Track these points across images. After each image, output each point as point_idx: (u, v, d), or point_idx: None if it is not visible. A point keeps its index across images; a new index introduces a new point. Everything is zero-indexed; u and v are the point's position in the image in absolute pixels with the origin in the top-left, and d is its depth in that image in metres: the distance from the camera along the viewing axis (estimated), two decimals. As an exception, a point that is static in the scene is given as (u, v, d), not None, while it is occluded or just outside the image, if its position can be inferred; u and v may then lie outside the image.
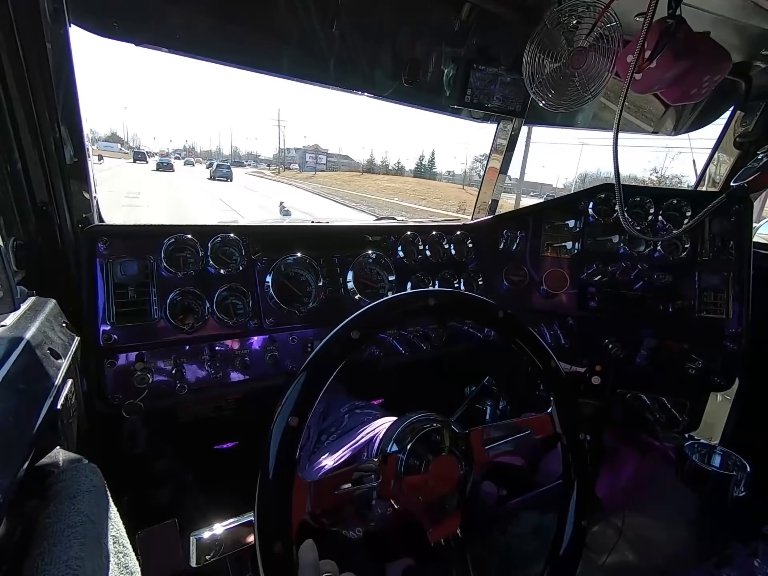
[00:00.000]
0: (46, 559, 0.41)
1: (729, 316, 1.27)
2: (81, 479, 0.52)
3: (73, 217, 0.86)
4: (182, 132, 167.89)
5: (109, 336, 0.85)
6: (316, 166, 56.59)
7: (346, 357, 0.54)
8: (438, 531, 0.60)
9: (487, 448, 0.65)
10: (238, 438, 1.22)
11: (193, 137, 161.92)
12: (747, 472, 1.20)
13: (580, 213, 1.34)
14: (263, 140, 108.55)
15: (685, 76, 0.90)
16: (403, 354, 1.16)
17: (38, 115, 0.75)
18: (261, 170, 54.73)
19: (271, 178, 38.60)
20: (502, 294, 1.34)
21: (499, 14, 1.14)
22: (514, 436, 0.67)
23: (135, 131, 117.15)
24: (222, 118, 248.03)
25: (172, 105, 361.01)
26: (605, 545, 1.21)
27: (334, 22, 1.09)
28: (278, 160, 61.56)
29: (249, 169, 55.30)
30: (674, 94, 0.96)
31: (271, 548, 0.46)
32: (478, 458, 0.64)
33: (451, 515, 0.61)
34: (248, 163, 71.89)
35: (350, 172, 51.63)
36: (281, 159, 60.56)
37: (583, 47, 1.02)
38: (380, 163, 62.63)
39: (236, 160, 71.55)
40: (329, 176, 41.03)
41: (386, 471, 0.59)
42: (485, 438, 0.65)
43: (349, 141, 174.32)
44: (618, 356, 1.27)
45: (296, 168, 58.62)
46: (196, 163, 48.82)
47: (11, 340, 0.58)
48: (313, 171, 51.34)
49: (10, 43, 0.69)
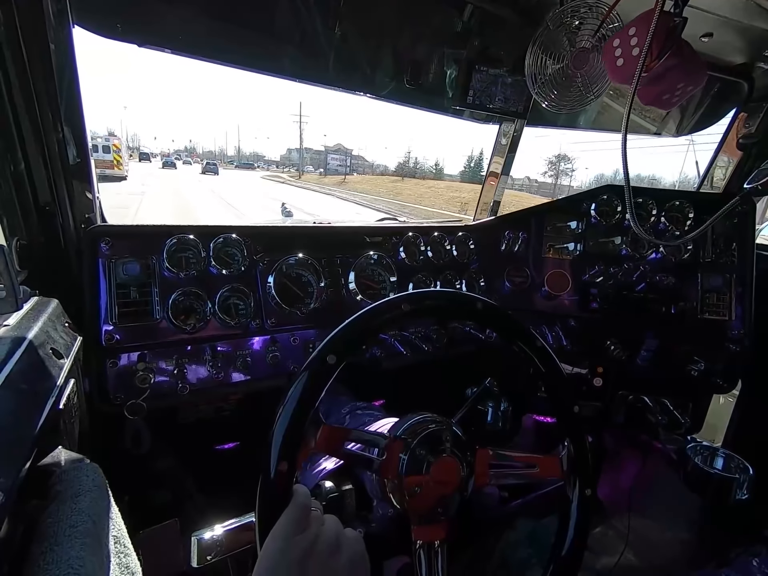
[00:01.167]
0: (47, 559, 0.41)
1: (731, 317, 1.27)
2: (82, 479, 0.52)
3: (76, 218, 0.86)
4: (185, 131, 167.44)
5: (111, 336, 0.85)
6: (347, 168, 50.01)
7: (325, 384, 0.53)
8: (422, 532, 0.60)
9: (491, 472, 0.64)
10: (239, 438, 1.22)
11: (197, 137, 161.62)
12: (749, 474, 1.19)
13: (582, 214, 1.33)
14: (276, 139, 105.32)
15: (663, 77, 0.89)
16: (404, 355, 1.16)
17: (41, 116, 0.75)
18: (277, 173, 50.73)
19: (294, 184, 33.02)
20: (504, 295, 1.34)
21: (501, 15, 1.14)
22: (519, 469, 0.67)
23: (135, 131, 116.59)
24: (229, 116, 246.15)
25: (175, 103, 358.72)
26: (606, 547, 1.20)
27: (336, 23, 1.09)
28: (286, 162, 57.90)
29: (263, 172, 51.45)
30: (648, 96, 0.95)
31: (276, 466, 0.48)
32: (479, 481, 0.63)
33: (439, 522, 0.60)
34: (258, 164, 69.22)
35: (383, 176, 45.94)
36: (301, 160, 55.20)
37: (586, 48, 1.02)
38: (411, 165, 54.87)
39: (245, 161, 68.68)
40: (363, 180, 35.51)
41: (392, 451, 0.59)
42: (491, 462, 0.65)
43: (373, 141, 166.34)
44: (620, 358, 1.27)
45: (310, 169, 53.54)
46: (194, 162, 52.57)
47: (14, 340, 0.58)
48: (335, 174, 46.29)
49: (13, 43, 0.70)
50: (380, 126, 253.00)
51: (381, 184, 31.41)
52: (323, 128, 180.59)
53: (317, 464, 0.86)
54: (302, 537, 0.44)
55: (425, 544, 0.60)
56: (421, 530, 0.60)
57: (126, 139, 50.55)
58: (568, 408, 0.66)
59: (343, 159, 53.68)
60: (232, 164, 69.10)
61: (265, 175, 44.72)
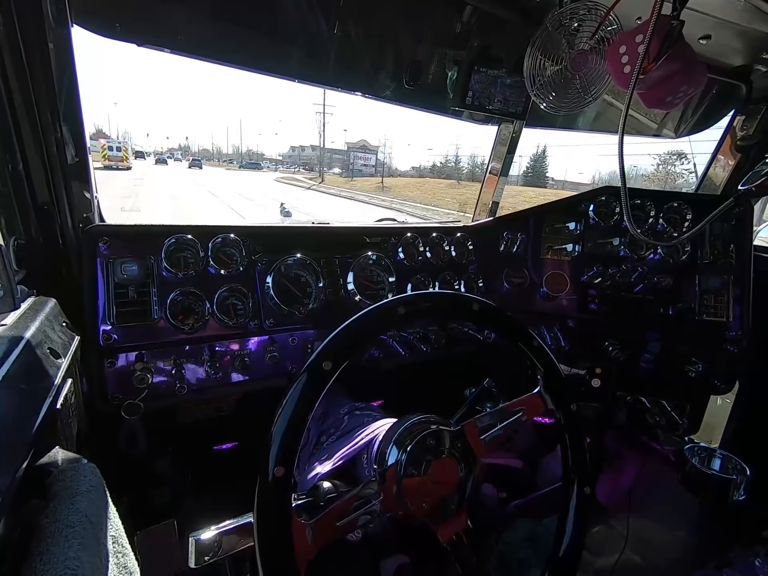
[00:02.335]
0: (44, 559, 0.41)
1: (729, 319, 1.27)
2: (80, 479, 0.52)
3: (74, 217, 0.86)
4: (180, 128, 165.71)
5: (109, 336, 0.85)
6: (374, 168, 40.94)
7: (322, 391, 0.54)
8: (448, 529, 0.60)
9: (482, 438, 0.65)
10: (238, 439, 1.21)
11: (192, 134, 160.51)
12: (747, 475, 1.19)
13: (581, 215, 1.34)
14: (282, 136, 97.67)
15: (667, 81, 0.90)
16: (403, 355, 1.16)
17: (40, 115, 0.75)
18: (289, 174, 42.88)
19: (321, 190, 25.77)
20: (503, 295, 1.34)
21: (500, 17, 1.14)
22: (507, 420, 0.67)
23: (126, 129, 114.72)
24: (231, 110, 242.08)
25: (169, 97, 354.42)
26: (606, 547, 1.21)
27: (336, 23, 1.09)
28: (295, 161, 48.46)
29: (276, 173, 43.68)
30: (651, 99, 0.95)
31: (274, 471, 0.48)
32: (477, 451, 0.64)
33: (458, 512, 0.61)
34: (266, 164, 62.94)
35: (423, 177, 37.50)
36: (322, 159, 44.26)
37: (584, 50, 1.02)
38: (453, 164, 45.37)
39: (251, 162, 62.94)
40: (408, 185, 26.72)
41: (386, 486, 0.59)
42: (479, 427, 0.65)
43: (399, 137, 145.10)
44: (618, 359, 1.27)
45: (335, 171, 44.63)
46: (185, 159, 53.86)
47: (11, 339, 0.58)
48: (360, 175, 37.93)
49: (12, 43, 0.69)
50: (407, 119, 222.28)
51: (433, 190, 23.84)
52: (344, 123, 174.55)
53: (311, 468, 0.86)
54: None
55: (452, 540, 0.60)
56: (444, 530, 0.60)
57: (116, 137, 51.85)
58: (528, 342, 0.68)
59: (368, 158, 44.45)
60: (232, 163, 63.45)
61: (278, 177, 37.64)
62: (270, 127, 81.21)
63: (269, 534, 0.48)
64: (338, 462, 0.84)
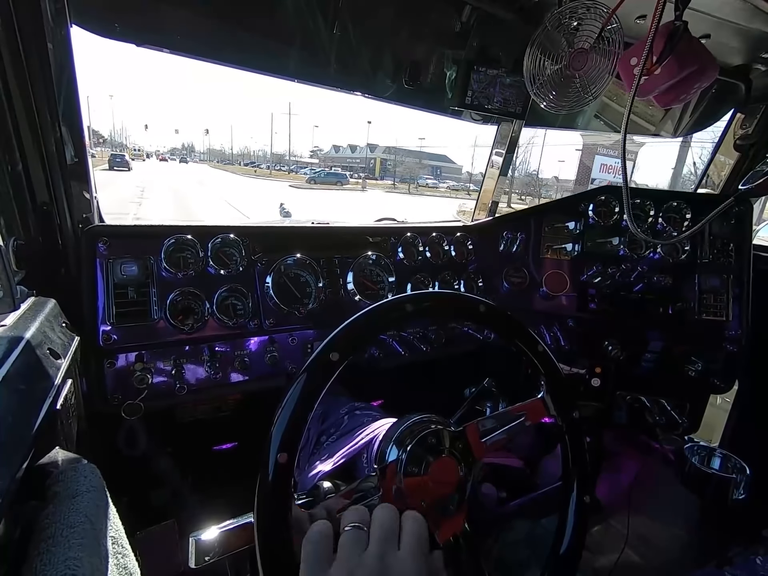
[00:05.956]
0: (44, 560, 0.41)
1: (729, 318, 1.28)
2: (80, 480, 0.51)
3: (74, 218, 0.86)
4: (182, 128, 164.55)
5: (108, 336, 0.85)
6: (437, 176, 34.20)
7: (328, 381, 0.54)
8: (445, 530, 0.60)
9: (483, 440, 0.65)
10: (238, 439, 1.21)
11: (191, 134, 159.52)
12: (746, 474, 1.20)
13: (580, 215, 1.34)
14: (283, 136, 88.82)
15: (683, 82, 0.90)
16: (403, 355, 1.16)
17: (39, 115, 0.75)
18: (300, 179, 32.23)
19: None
20: (502, 295, 1.34)
21: (499, 16, 1.14)
22: (508, 425, 0.67)
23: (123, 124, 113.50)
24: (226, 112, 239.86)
25: (166, 94, 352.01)
26: (606, 546, 1.21)
27: (335, 23, 1.09)
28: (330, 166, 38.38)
29: (291, 179, 33.22)
30: (666, 99, 0.96)
31: (276, 457, 0.48)
32: (477, 452, 0.64)
33: (456, 513, 0.61)
34: (257, 164, 57.65)
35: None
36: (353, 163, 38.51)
37: (584, 49, 1.02)
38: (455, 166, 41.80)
39: (251, 160, 63.38)
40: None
41: (386, 482, 0.59)
42: (481, 430, 0.65)
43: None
44: (618, 358, 1.27)
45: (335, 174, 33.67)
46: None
47: (11, 340, 0.58)
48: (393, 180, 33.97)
49: (11, 43, 0.69)
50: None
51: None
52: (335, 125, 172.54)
53: (312, 468, 0.86)
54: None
55: (450, 541, 0.60)
56: (442, 530, 0.60)
57: (111, 134, 53.91)
58: (533, 347, 0.67)
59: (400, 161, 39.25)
60: (256, 166, 54.45)
61: (294, 183, 29.71)
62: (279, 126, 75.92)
63: (270, 524, 0.48)
64: (338, 462, 0.84)
